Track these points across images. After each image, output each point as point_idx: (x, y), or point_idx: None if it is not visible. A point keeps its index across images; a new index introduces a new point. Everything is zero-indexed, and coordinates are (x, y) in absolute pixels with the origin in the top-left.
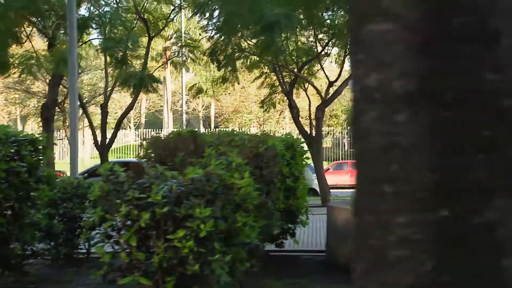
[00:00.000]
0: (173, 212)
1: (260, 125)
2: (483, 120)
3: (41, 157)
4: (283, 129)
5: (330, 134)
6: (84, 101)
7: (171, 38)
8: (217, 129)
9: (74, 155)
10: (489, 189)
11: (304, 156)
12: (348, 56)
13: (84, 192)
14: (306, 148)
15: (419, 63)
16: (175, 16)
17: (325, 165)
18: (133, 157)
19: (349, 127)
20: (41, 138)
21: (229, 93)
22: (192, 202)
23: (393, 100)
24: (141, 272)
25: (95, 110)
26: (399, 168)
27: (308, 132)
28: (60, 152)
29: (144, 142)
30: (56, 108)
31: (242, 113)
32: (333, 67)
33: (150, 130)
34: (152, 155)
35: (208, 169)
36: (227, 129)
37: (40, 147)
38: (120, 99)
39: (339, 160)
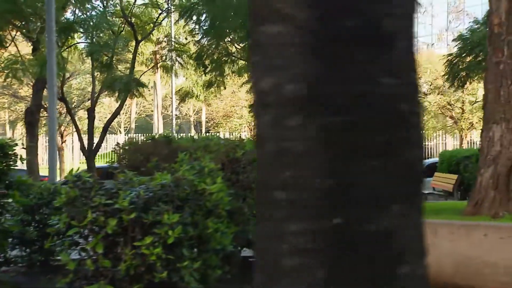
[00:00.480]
0: (141, 219)
1: (251, 130)
2: (377, 125)
3: (11, 163)
4: None
5: None
6: (73, 105)
7: (161, 42)
8: (208, 133)
9: (53, 160)
10: (384, 195)
11: None
12: None
13: None
14: None
15: (311, 67)
16: (163, 20)
17: None
18: None
19: None
20: (11, 143)
21: (220, 98)
22: (160, 208)
23: (285, 104)
24: (107, 279)
25: (84, 115)
26: (291, 174)
27: None
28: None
29: (117, 147)
30: (45, 112)
31: (233, 118)
32: None
33: (140, 135)
34: (126, 160)
35: (177, 174)
36: (217, 134)
37: (11, 152)
38: (110, 104)
39: None
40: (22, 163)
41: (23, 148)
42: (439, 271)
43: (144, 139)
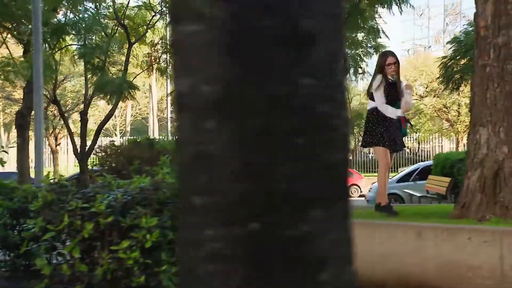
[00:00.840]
0: (118, 222)
1: None
2: (296, 127)
3: None
4: None
5: None
6: (68, 108)
7: (156, 44)
8: None
9: (39, 163)
10: (304, 200)
11: None
12: None
13: None
14: None
15: (227, 68)
16: (156, 22)
17: None
18: None
19: None
20: None
21: None
22: (138, 211)
23: (201, 106)
24: (84, 284)
25: (78, 118)
26: (207, 179)
27: None
28: (45, 159)
29: (99, 150)
30: None
31: None
32: None
33: (136, 137)
34: (108, 163)
35: (157, 177)
36: None
37: None
38: (106, 106)
39: None
40: (3, 166)
41: (3, 151)
42: (424, 274)
43: (113, 142)
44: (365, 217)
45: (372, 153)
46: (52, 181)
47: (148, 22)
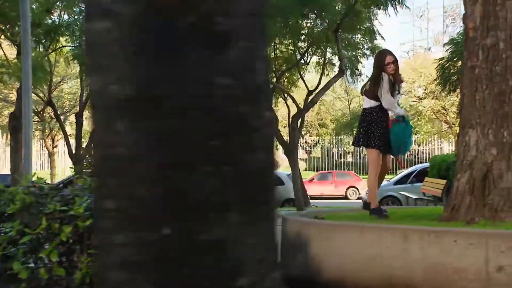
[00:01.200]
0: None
1: None
2: (212, 128)
3: None
4: None
5: (320, 143)
6: (65, 110)
7: None
8: None
9: (28, 165)
10: (220, 204)
11: None
12: (327, 65)
13: None
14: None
15: (138, 67)
16: None
17: (312, 175)
18: None
19: (339, 137)
20: None
21: None
22: None
23: (112, 107)
24: None
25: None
26: (118, 182)
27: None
28: (43, 162)
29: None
30: (35, 117)
31: None
32: (317, 76)
33: None
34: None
35: None
36: None
37: None
38: None
39: (330, 170)
40: None
41: None
42: (410, 277)
43: None
44: (354, 219)
45: None
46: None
47: None
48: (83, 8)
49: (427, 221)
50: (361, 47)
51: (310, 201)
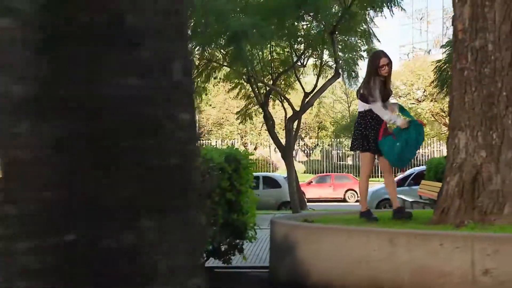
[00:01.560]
0: None
1: (242, 137)
2: (121, 131)
3: None
4: (265, 141)
5: (319, 146)
6: None
7: None
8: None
9: None
10: (129, 209)
11: (249, 169)
12: (324, 67)
13: None
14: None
15: (39, 66)
16: None
17: (310, 177)
18: None
19: (338, 139)
20: None
21: (211, 105)
22: None
23: (13, 108)
24: None
25: None
26: (19, 187)
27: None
28: None
29: None
30: None
31: (224, 125)
32: (314, 78)
33: None
34: None
35: None
36: (209, 142)
37: None
38: None
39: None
40: None
41: None
42: (397, 281)
43: None
44: (342, 222)
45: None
46: None
47: None
48: None
49: (415, 224)
50: (357, 49)
51: (308, 204)
